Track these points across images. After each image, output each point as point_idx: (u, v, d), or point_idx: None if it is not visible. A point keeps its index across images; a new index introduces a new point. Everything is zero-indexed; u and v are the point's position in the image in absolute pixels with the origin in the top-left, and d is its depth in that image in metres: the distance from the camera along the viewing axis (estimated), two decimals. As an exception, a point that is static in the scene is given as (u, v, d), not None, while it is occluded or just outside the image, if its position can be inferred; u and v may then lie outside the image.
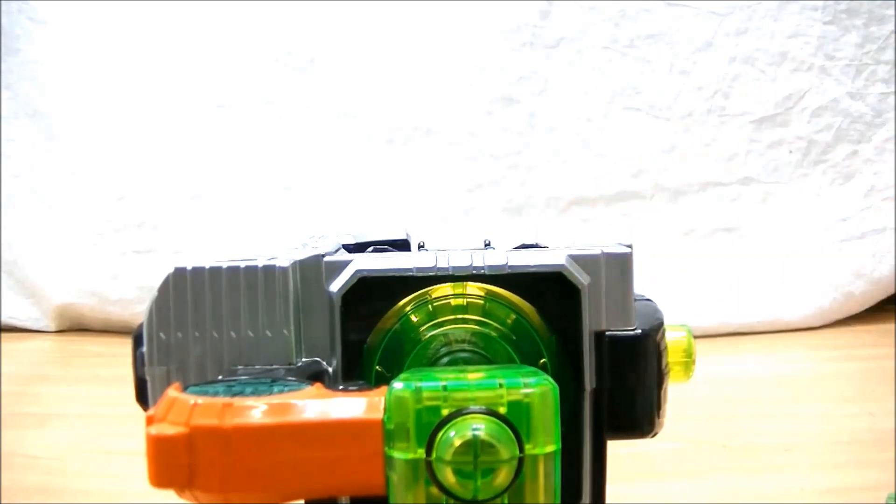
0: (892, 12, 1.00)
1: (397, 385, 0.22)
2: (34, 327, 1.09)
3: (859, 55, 1.01)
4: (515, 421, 0.22)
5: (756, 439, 0.61)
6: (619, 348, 0.28)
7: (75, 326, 1.10)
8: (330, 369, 0.28)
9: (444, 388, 0.22)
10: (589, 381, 0.28)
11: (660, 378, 0.29)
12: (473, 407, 0.22)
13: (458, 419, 0.22)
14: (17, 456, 0.60)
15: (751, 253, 1.01)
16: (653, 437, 0.29)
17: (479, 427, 0.21)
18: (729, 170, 1.02)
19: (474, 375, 0.23)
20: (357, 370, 0.29)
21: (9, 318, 1.09)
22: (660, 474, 0.55)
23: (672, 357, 0.31)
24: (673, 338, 0.31)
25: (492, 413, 0.22)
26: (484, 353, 0.29)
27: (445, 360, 0.29)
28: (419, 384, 0.22)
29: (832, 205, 1.02)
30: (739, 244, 1.02)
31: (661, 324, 0.29)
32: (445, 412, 0.22)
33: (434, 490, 0.22)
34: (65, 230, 1.08)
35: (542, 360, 0.29)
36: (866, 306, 1.01)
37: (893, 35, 1.00)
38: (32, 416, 0.71)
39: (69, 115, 1.08)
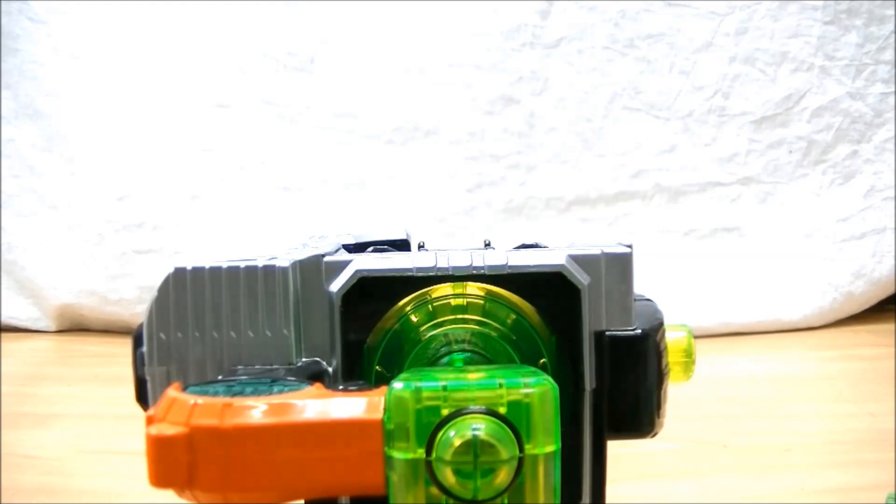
0: (892, 12, 1.00)
1: (397, 385, 0.22)
2: (34, 327, 1.09)
3: (859, 55, 1.01)
4: (515, 421, 0.22)
5: (756, 439, 0.61)
6: (619, 348, 0.28)
7: (75, 326, 1.10)
8: (330, 369, 0.28)
9: (444, 388, 0.22)
10: (589, 381, 0.28)
11: (660, 378, 0.29)
12: (473, 407, 0.22)
13: (458, 419, 0.22)
14: (17, 456, 0.60)
15: (751, 253, 1.01)
16: (653, 437, 0.29)
17: (478, 427, 0.21)
18: (729, 170, 1.02)
19: (474, 375, 0.23)
20: (357, 370, 0.29)
21: (9, 318, 1.09)
22: (660, 474, 0.55)
23: (672, 357, 0.30)
24: (673, 338, 0.31)
25: (492, 413, 0.22)
26: (484, 353, 0.29)
27: (445, 360, 0.29)
28: (419, 384, 0.22)
29: (832, 205, 1.02)
30: (739, 244, 1.02)
31: (661, 324, 0.29)
32: (445, 412, 0.22)
33: (434, 490, 0.22)
34: (65, 230, 1.08)
35: (541, 360, 0.29)
36: (866, 306, 1.01)
37: (893, 35, 1.00)
38: (32, 416, 0.71)
39: (69, 115, 1.08)
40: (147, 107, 1.06)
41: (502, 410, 0.22)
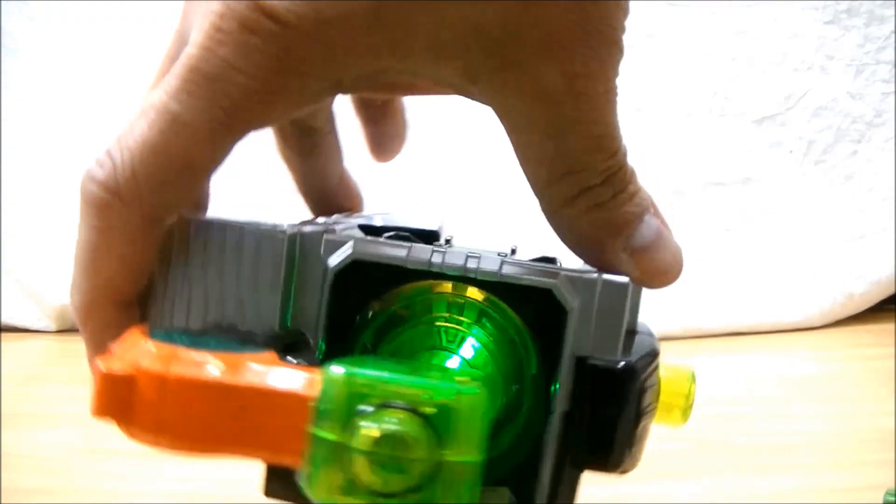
0: (892, 12, 1.00)
1: (334, 368, 0.23)
2: (34, 327, 1.09)
3: (859, 55, 1.01)
4: (439, 424, 0.22)
5: (756, 439, 0.61)
6: (598, 377, 0.27)
7: (75, 326, 1.10)
8: (311, 342, 0.28)
9: (379, 378, 0.22)
10: (560, 404, 0.27)
11: (638, 415, 0.27)
12: (400, 402, 0.22)
13: (383, 411, 0.22)
14: (17, 456, 0.60)
15: (751, 253, 1.01)
16: (621, 474, 0.28)
17: (400, 422, 0.22)
18: (729, 170, 1.02)
19: (416, 373, 0.23)
20: (341, 350, 0.29)
21: (9, 318, 1.09)
22: (660, 474, 0.55)
23: (670, 399, 0.30)
24: (674, 378, 0.30)
25: (416, 411, 0.22)
26: (465, 355, 0.29)
27: (425, 355, 0.28)
28: (355, 370, 0.22)
29: (832, 205, 1.02)
30: (739, 244, 1.02)
31: (652, 360, 0.28)
32: (373, 402, 0.22)
33: (347, 475, 0.22)
34: (65, 230, 1.07)
35: (529, 373, 0.29)
36: (866, 306, 1.01)
37: (893, 35, 1.00)
38: (32, 416, 0.71)
39: (69, 114, 1.08)
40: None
41: (429, 411, 0.22)
